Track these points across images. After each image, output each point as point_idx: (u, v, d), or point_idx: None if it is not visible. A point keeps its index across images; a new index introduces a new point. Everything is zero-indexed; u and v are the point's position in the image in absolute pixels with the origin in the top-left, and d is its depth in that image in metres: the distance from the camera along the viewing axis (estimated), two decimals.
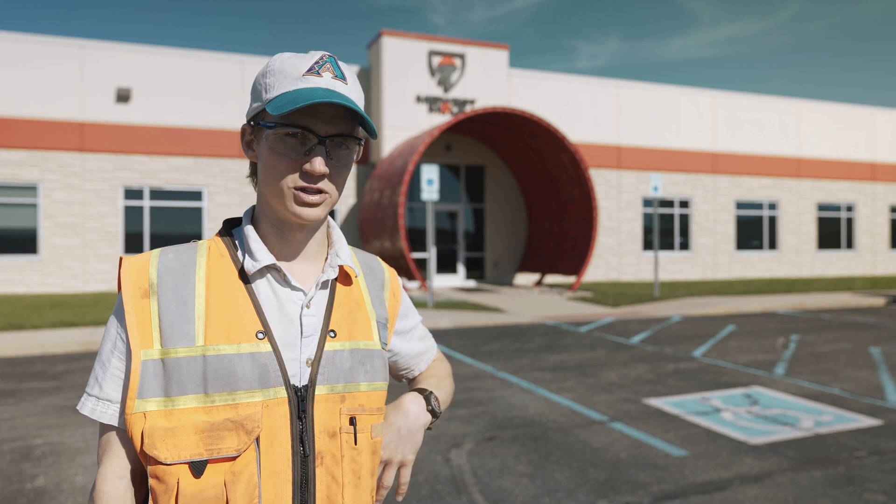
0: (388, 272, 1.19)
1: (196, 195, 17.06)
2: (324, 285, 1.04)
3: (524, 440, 4.86)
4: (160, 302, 0.95)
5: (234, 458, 0.91)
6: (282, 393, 0.95)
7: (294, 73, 0.96)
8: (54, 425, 5.28)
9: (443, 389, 1.23)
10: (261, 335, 0.95)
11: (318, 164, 0.95)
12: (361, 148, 1.02)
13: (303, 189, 0.96)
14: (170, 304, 0.95)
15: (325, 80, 0.96)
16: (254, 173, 1.07)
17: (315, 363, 0.98)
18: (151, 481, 0.91)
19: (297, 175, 0.96)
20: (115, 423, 0.95)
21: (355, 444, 1.00)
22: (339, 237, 1.09)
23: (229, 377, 0.92)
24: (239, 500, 0.91)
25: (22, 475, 4.17)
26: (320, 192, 0.97)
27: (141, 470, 0.97)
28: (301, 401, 0.96)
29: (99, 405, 0.95)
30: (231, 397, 0.92)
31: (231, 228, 1.07)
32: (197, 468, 0.90)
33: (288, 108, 0.91)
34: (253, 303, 0.97)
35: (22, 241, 15.67)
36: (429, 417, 1.14)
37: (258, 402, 0.93)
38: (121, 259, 0.99)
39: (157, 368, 0.92)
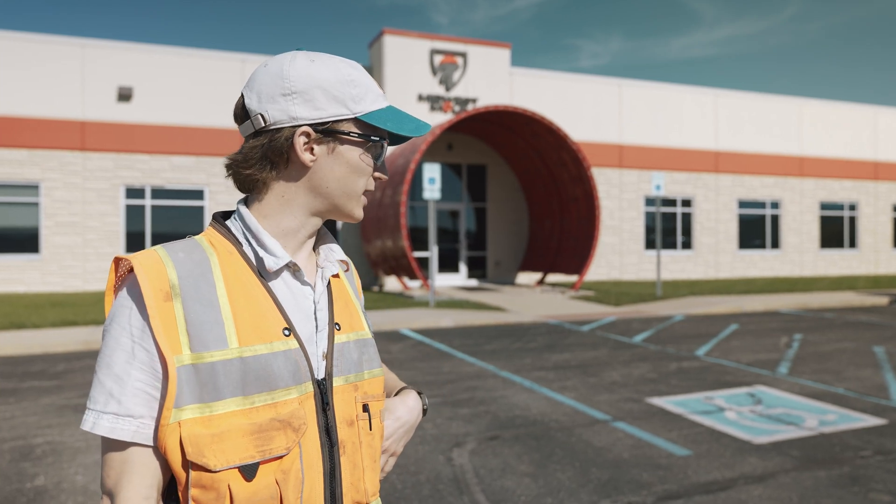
0: (351, 265, 1.22)
1: (198, 194, 17.05)
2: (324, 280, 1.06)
3: (526, 440, 4.84)
4: (185, 304, 0.91)
5: (282, 457, 0.91)
6: (310, 388, 0.96)
7: (375, 88, 1.03)
8: (55, 424, 5.27)
9: None
10: (287, 332, 0.96)
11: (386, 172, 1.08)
12: None
13: (368, 193, 1.07)
14: (196, 305, 0.91)
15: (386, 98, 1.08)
16: (273, 169, 1.00)
17: (329, 356, 1.00)
18: (195, 491, 0.88)
19: (369, 180, 1.06)
20: (140, 441, 0.88)
21: (370, 429, 1.04)
22: (325, 231, 1.12)
23: (268, 377, 0.92)
24: (290, 497, 0.91)
25: (22, 474, 4.16)
26: None
27: (161, 486, 0.92)
28: (323, 394, 0.98)
29: (119, 422, 0.88)
30: (270, 397, 0.91)
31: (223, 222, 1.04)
32: (248, 471, 0.88)
33: (415, 133, 1.02)
34: (274, 300, 0.97)
35: (23, 241, 15.67)
36: (422, 415, 1.21)
37: (294, 398, 0.94)
38: (116, 259, 0.94)
39: (189, 374, 0.88)
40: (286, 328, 0.96)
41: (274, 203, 1.01)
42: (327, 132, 0.99)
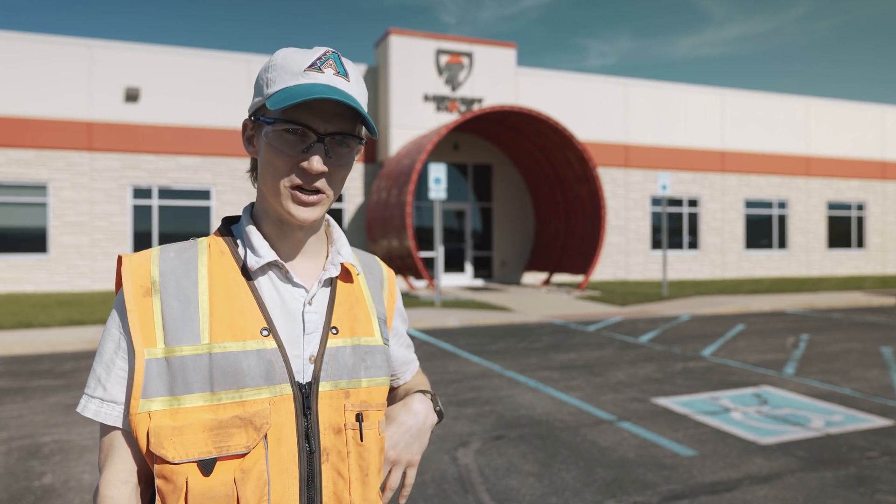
0: (387, 271, 1.19)
1: (204, 194, 17.11)
2: (326, 283, 1.04)
3: (531, 439, 4.84)
4: (163, 300, 0.94)
5: (243, 456, 0.91)
6: (287, 390, 0.94)
7: (295, 68, 0.95)
8: (62, 423, 5.30)
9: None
10: (265, 332, 0.95)
11: (316, 163, 0.93)
12: (362, 147, 1.00)
13: (299, 188, 0.95)
14: (173, 301, 0.94)
15: (327, 77, 0.95)
16: (254, 169, 1.06)
17: (318, 360, 0.98)
18: (158, 481, 0.90)
19: (294, 173, 0.95)
20: (121, 425, 0.93)
21: (361, 440, 0.99)
22: (339, 235, 1.09)
23: (236, 375, 0.92)
24: (249, 498, 0.90)
25: (30, 473, 4.18)
26: (318, 192, 0.96)
27: (146, 472, 0.95)
28: (305, 398, 0.96)
29: (103, 407, 0.93)
30: (238, 395, 0.92)
31: (230, 226, 1.06)
32: (206, 466, 0.89)
33: (286, 104, 0.90)
34: (256, 300, 0.97)
35: (31, 240, 15.76)
36: (436, 418, 1.15)
37: (265, 398, 0.93)
38: (120, 257, 0.98)
39: (161, 367, 0.91)
40: (265, 328, 0.95)
41: (257, 204, 1.04)
42: (254, 123, 1.00)
